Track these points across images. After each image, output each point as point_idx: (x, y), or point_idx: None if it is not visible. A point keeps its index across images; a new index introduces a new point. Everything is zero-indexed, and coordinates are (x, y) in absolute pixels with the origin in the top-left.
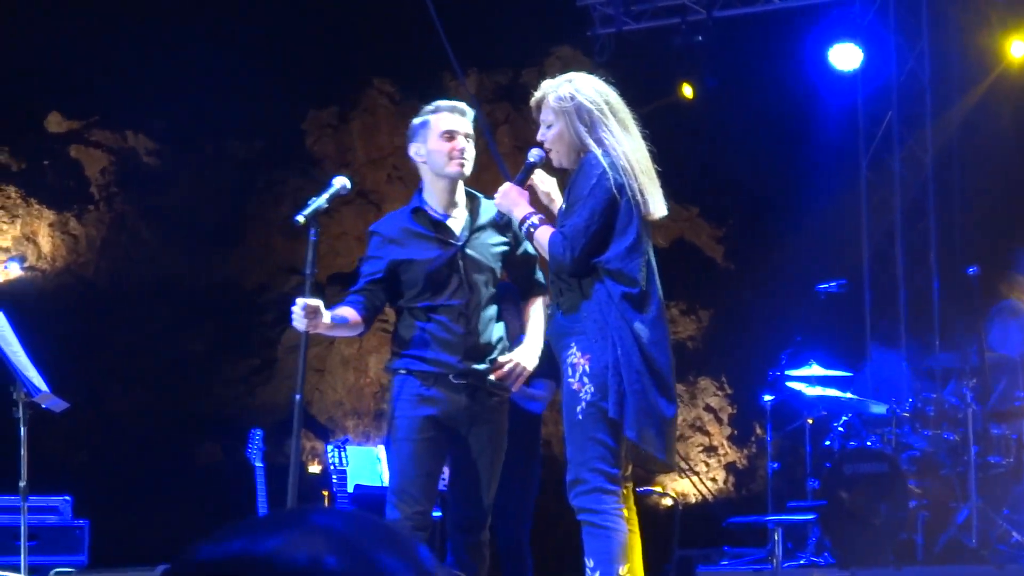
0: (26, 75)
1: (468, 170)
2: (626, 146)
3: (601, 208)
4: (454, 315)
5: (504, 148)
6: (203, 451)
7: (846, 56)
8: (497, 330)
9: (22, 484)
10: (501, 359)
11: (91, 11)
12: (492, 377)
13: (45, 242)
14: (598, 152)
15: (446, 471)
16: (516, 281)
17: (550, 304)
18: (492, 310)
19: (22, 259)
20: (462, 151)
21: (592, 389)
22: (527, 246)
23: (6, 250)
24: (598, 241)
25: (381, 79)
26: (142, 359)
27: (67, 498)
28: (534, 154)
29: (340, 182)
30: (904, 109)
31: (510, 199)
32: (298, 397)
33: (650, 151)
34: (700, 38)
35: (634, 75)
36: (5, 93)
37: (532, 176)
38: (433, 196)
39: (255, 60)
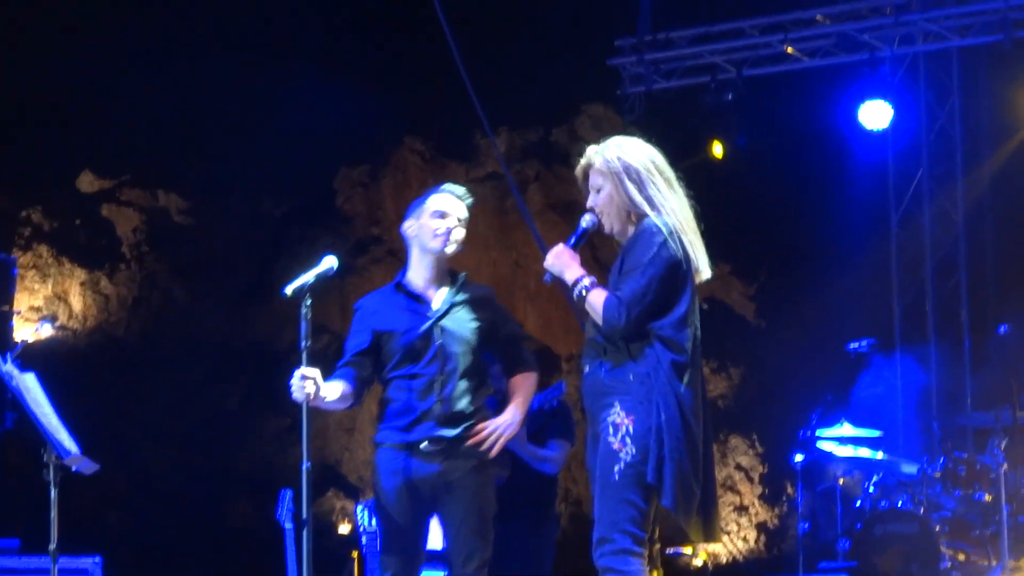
0: (58, 134)
1: (451, 250)
2: (674, 205)
3: (660, 277)
4: (428, 384)
5: (534, 206)
6: (235, 511)
7: (876, 114)
8: (475, 400)
9: (52, 547)
10: (479, 426)
11: (123, 69)
12: (468, 443)
13: (76, 301)
14: (653, 215)
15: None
16: (501, 359)
17: (588, 362)
18: (470, 381)
19: (53, 319)
20: (449, 231)
21: (634, 451)
22: (512, 326)
23: (38, 310)
24: (654, 309)
25: (412, 137)
26: (173, 418)
27: (97, 559)
28: (587, 220)
29: (329, 262)
30: (934, 166)
31: (562, 260)
32: (306, 465)
33: (693, 209)
34: (730, 96)
35: (664, 134)
36: (37, 152)
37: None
38: (417, 272)
39: (285, 118)
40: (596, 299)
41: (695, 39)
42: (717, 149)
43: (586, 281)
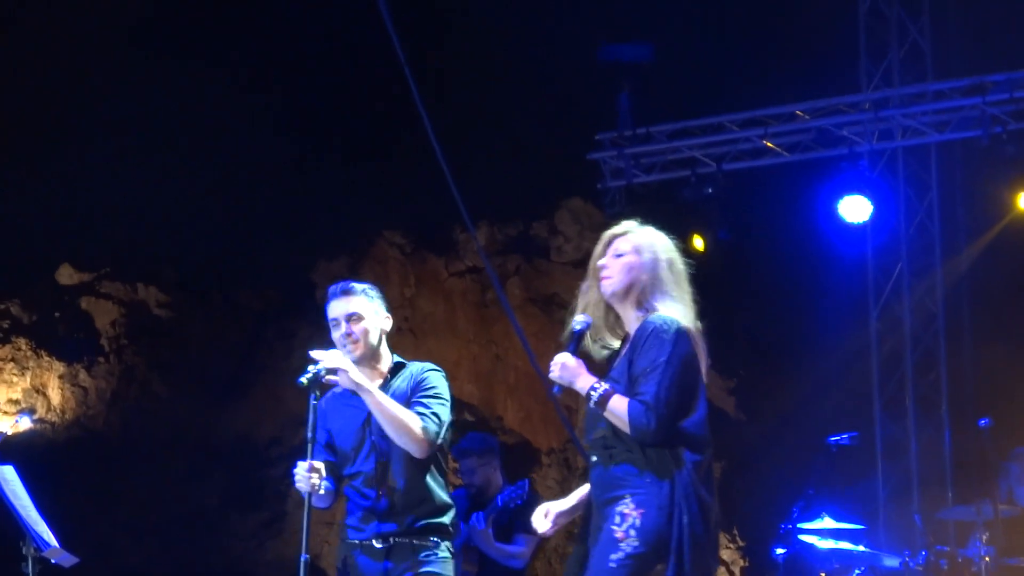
0: (37, 227)
1: (360, 352)
2: (687, 301)
3: (680, 376)
4: (367, 480)
5: (514, 300)
6: None
7: (856, 208)
8: (420, 489)
9: None
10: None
11: (102, 163)
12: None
13: (55, 394)
14: (660, 307)
15: None
16: None
17: (597, 454)
18: (412, 470)
19: (32, 412)
20: (347, 335)
21: (636, 543)
22: (426, 395)
23: (16, 402)
24: (679, 409)
25: (392, 231)
26: (153, 512)
27: None
28: (579, 321)
29: (341, 357)
30: (914, 260)
31: (570, 371)
32: (304, 558)
33: (696, 302)
34: (710, 190)
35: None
36: (16, 245)
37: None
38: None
39: (264, 210)
40: (618, 405)
41: (675, 133)
42: (697, 243)
43: (601, 388)
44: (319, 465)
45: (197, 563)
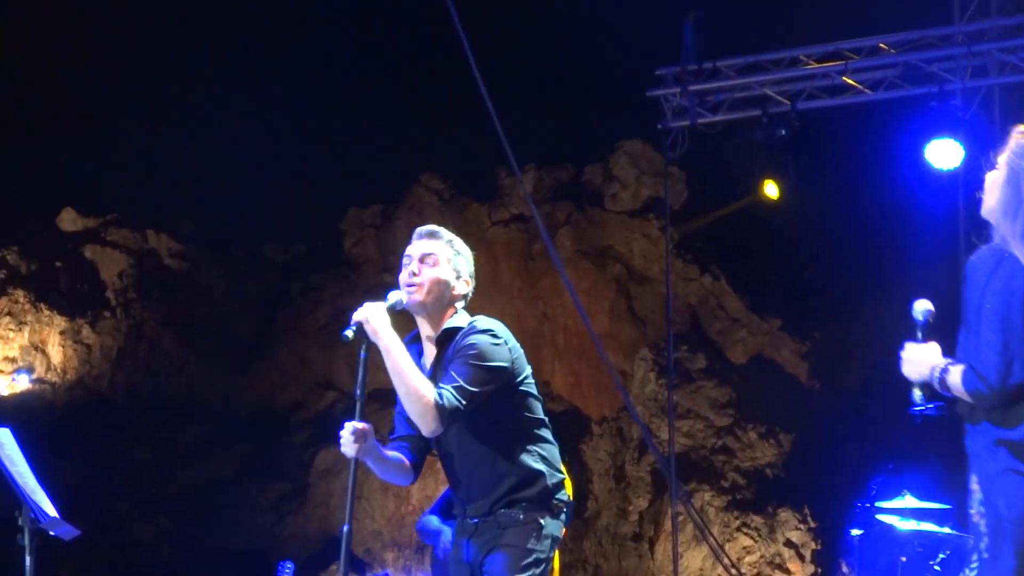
0: (38, 168)
1: (419, 297)
2: None
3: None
4: (443, 459)
5: (565, 252)
6: None
7: (945, 153)
8: (497, 467)
9: None
10: None
11: (114, 95)
12: None
13: (55, 352)
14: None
15: None
16: None
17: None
18: (479, 448)
19: (30, 371)
20: (412, 274)
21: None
22: (458, 362)
23: (12, 360)
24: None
25: (429, 175)
26: (163, 484)
27: None
28: (920, 310)
29: (396, 296)
30: None
31: (917, 361)
32: (346, 528)
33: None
34: (783, 132)
35: (711, 173)
36: (14, 186)
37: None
38: (420, 329)
39: (290, 154)
40: (955, 377)
41: (744, 68)
42: (770, 190)
43: (941, 365)
44: (365, 427)
45: (210, 538)
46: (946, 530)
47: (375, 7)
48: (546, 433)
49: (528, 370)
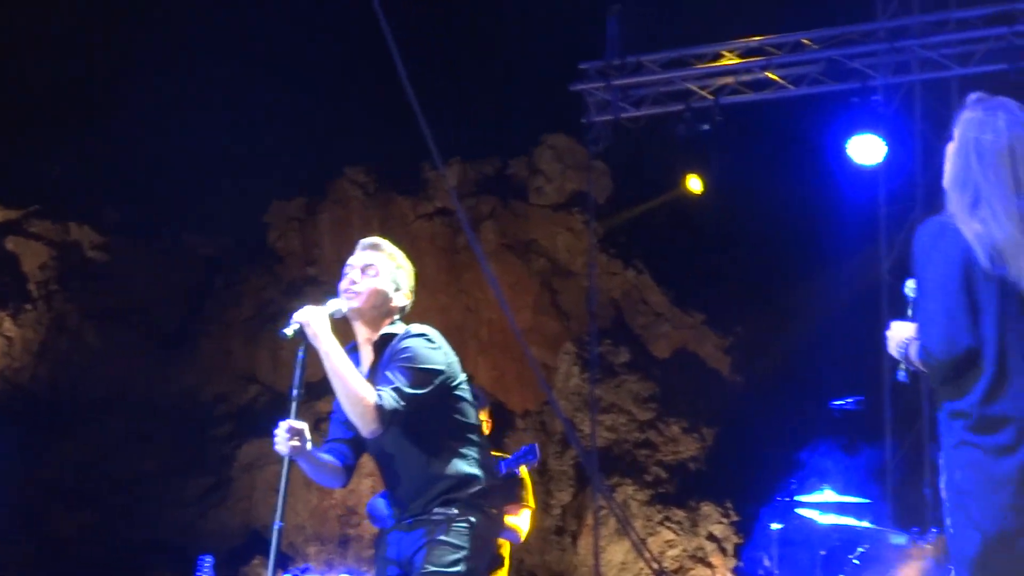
0: None
1: (360, 303)
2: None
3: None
4: (378, 457)
5: (489, 246)
6: None
7: (867, 149)
8: (432, 469)
9: None
10: None
11: (32, 88)
12: None
13: None
14: None
15: None
16: None
17: None
18: (414, 450)
19: None
20: (352, 282)
21: None
22: (394, 365)
23: None
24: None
25: (353, 168)
26: (85, 478)
27: None
28: (912, 287)
29: (336, 304)
30: (931, 207)
31: (899, 346)
32: (277, 526)
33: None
34: (706, 127)
35: (633, 167)
36: None
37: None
38: (357, 336)
39: (216, 148)
40: (913, 351)
41: (668, 63)
42: (693, 184)
43: (907, 340)
44: (301, 426)
45: (132, 532)
46: (865, 524)
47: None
48: (479, 437)
49: (463, 376)
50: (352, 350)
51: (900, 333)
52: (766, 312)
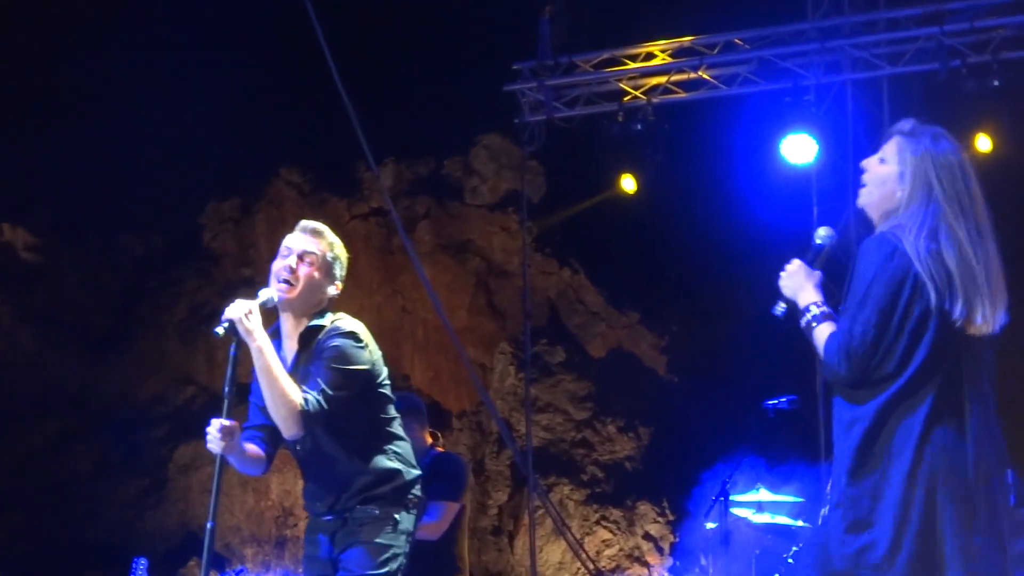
0: None
1: (292, 295)
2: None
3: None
4: (302, 450)
5: (423, 247)
6: None
7: (800, 148)
8: (353, 466)
9: None
10: None
11: None
12: None
13: None
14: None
15: None
16: None
17: None
18: (335, 447)
19: None
20: (290, 270)
21: None
22: (320, 364)
23: None
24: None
25: (289, 169)
26: (18, 478)
27: None
28: (823, 235)
29: (267, 293)
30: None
31: (797, 280)
32: (210, 525)
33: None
34: (639, 127)
35: (568, 167)
36: None
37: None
38: (282, 323)
39: (149, 147)
40: (820, 335)
41: (600, 63)
42: (627, 184)
43: (816, 311)
44: (233, 425)
45: (67, 535)
46: (799, 523)
47: None
48: (399, 430)
49: (385, 371)
50: (274, 334)
51: (805, 282)
52: (701, 311)
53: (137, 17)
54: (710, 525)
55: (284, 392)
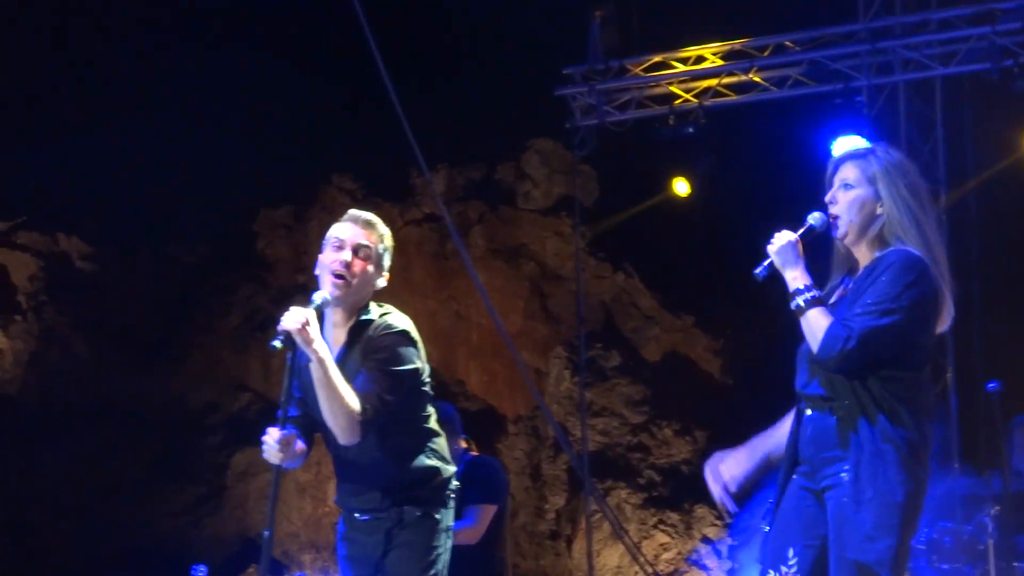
0: None
1: (344, 292)
2: (935, 237)
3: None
4: (336, 455)
5: (476, 252)
6: None
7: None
8: (393, 466)
9: None
10: None
11: (18, 100)
12: None
13: None
14: (909, 242)
15: None
16: None
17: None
18: (377, 447)
19: None
20: (344, 264)
21: None
22: (372, 363)
23: None
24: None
25: (341, 175)
26: (74, 486)
27: None
28: (816, 217)
29: (321, 296)
30: None
31: (788, 255)
32: (267, 533)
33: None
34: (691, 129)
35: (619, 171)
36: None
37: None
38: (328, 315)
39: (202, 156)
40: (816, 321)
41: (651, 67)
42: (680, 187)
43: (808, 295)
44: (290, 435)
45: (122, 542)
46: None
47: (283, 6)
48: (436, 425)
49: (428, 368)
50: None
51: (789, 255)
52: (756, 313)
53: (191, 28)
54: (766, 528)
55: (344, 403)
